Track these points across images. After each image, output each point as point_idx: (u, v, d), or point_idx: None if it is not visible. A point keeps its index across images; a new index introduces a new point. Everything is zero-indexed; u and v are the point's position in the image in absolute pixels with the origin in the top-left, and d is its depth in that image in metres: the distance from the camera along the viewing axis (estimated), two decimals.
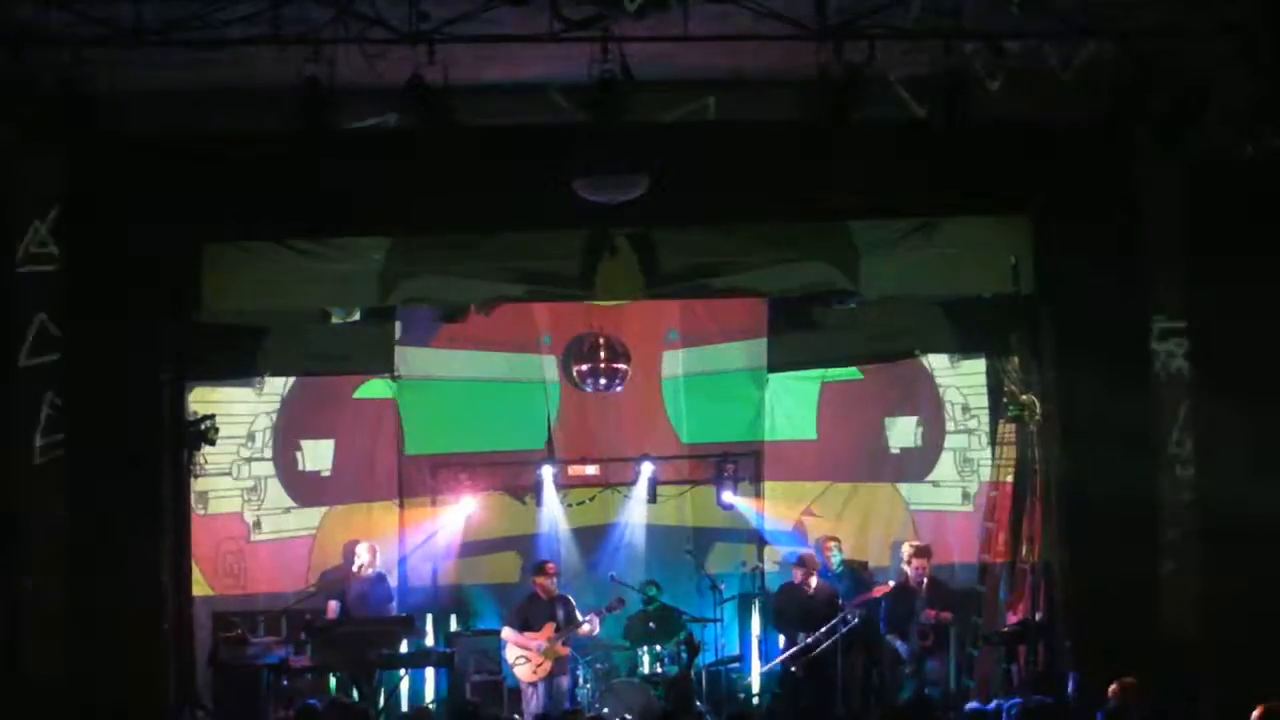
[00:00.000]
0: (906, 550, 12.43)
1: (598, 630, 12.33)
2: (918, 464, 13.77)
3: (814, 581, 12.44)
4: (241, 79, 9.41)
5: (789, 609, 12.58)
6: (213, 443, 11.51)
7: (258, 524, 13.07)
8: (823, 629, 11.89)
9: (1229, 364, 10.62)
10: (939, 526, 13.56)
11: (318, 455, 13.31)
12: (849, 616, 11.88)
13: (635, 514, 13.61)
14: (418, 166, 10.09)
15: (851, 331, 13.56)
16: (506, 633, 12.20)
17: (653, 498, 13.51)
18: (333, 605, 12.24)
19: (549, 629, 12.04)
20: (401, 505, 13.49)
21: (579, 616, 12.24)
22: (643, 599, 12.92)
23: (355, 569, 12.49)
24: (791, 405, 13.96)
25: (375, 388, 13.45)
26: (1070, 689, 9.88)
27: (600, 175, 9.46)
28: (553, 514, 13.54)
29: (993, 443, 12.99)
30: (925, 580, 12.15)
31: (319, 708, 8.93)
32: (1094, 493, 10.62)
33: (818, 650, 11.86)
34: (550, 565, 12.58)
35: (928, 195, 10.66)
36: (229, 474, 12.88)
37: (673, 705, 11.02)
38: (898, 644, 12.11)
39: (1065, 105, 10.12)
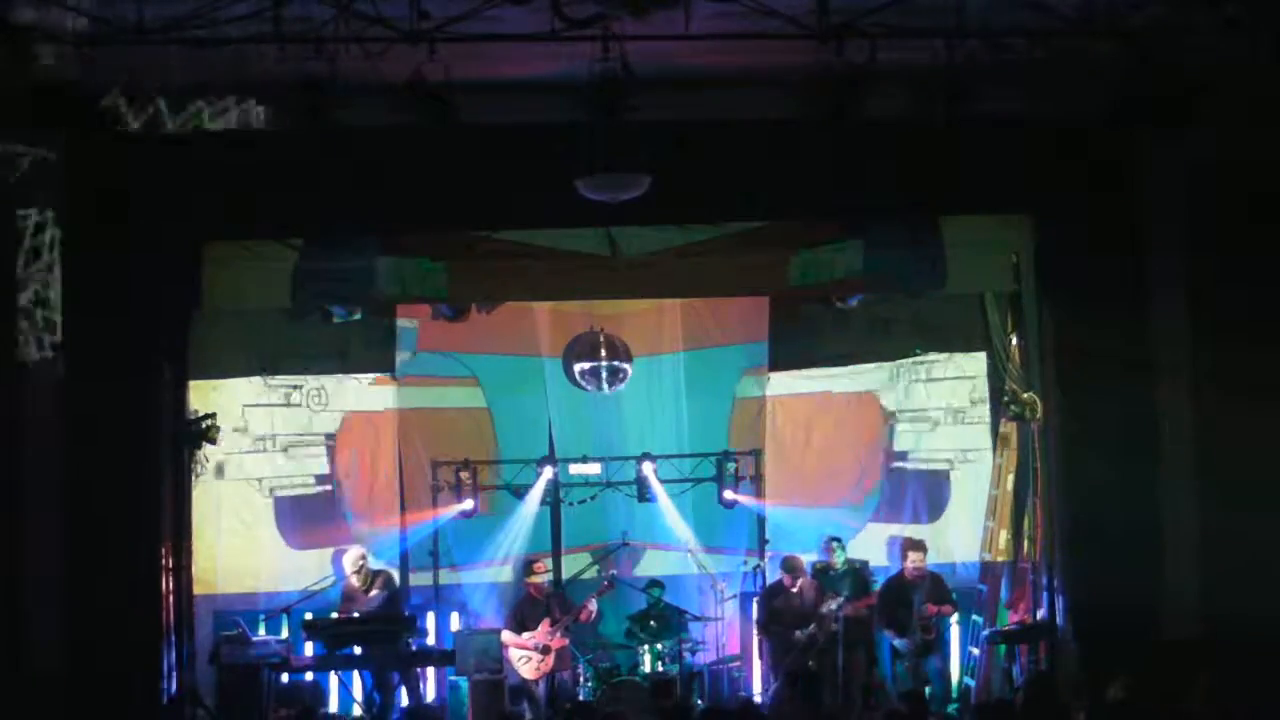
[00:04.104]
0: (901, 544, 12.46)
1: (595, 612, 12.31)
2: None
3: (801, 582, 12.41)
4: (243, 77, 9.41)
5: (778, 609, 12.56)
6: (214, 441, 11.50)
7: None
8: (811, 626, 12.02)
9: (1229, 364, 10.61)
10: None
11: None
12: (835, 610, 11.98)
13: (637, 512, 13.60)
14: (418, 166, 10.10)
15: (851, 331, 13.56)
16: (505, 635, 12.21)
17: (654, 496, 13.50)
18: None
19: (545, 625, 12.06)
20: (403, 506, 13.47)
21: (574, 606, 12.26)
22: (648, 599, 12.92)
23: (358, 585, 12.24)
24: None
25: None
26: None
27: (601, 174, 9.45)
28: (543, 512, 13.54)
29: (994, 442, 13.00)
30: (922, 575, 12.14)
31: None
32: (1094, 491, 10.64)
33: (816, 646, 11.98)
34: (540, 564, 12.59)
35: (928, 194, 10.66)
36: None
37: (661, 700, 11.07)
38: (894, 639, 12.08)
39: (1065, 105, 10.12)
